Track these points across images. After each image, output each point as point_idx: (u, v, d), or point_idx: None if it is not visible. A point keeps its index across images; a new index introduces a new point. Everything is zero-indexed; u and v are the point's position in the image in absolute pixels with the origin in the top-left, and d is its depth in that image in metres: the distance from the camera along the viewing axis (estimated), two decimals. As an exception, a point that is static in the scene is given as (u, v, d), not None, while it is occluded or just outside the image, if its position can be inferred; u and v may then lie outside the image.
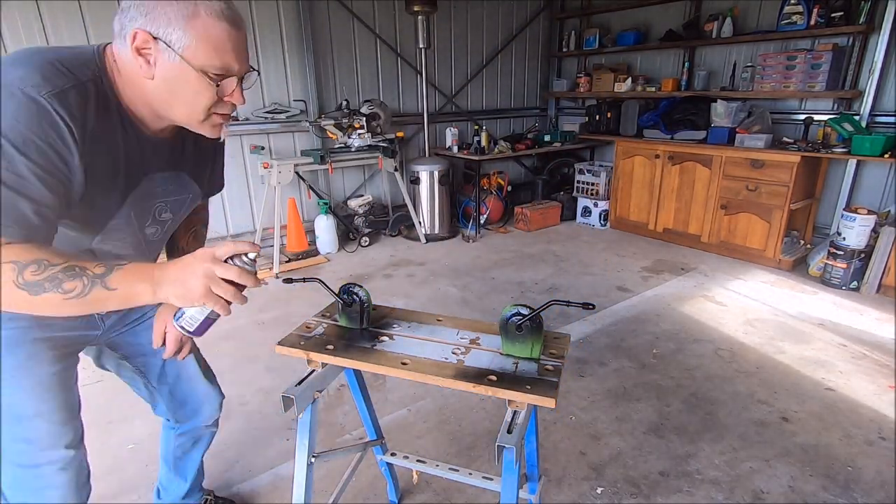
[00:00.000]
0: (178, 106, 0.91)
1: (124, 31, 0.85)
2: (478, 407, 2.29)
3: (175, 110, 0.92)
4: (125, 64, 0.88)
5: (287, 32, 4.24)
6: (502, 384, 1.02)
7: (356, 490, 1.82)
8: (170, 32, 0.83)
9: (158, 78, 0.87)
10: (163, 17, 0.82)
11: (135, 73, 0.88)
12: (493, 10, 5.50)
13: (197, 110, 0.91)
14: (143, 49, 0.84)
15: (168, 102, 0.91)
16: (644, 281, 3.78)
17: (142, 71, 0.86)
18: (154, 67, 0.86)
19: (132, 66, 0.87)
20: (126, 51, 0.85)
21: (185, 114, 0.93)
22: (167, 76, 0.86)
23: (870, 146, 3.44)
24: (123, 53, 0.87)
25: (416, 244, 4.75)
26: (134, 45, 0.84)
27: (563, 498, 1.80)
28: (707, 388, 2.44)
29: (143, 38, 0.83)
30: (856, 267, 3.46)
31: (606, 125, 5.13)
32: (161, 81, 0.87)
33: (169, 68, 0.86)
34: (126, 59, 0.87)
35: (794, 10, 3.84)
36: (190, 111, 0.92)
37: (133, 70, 0.87)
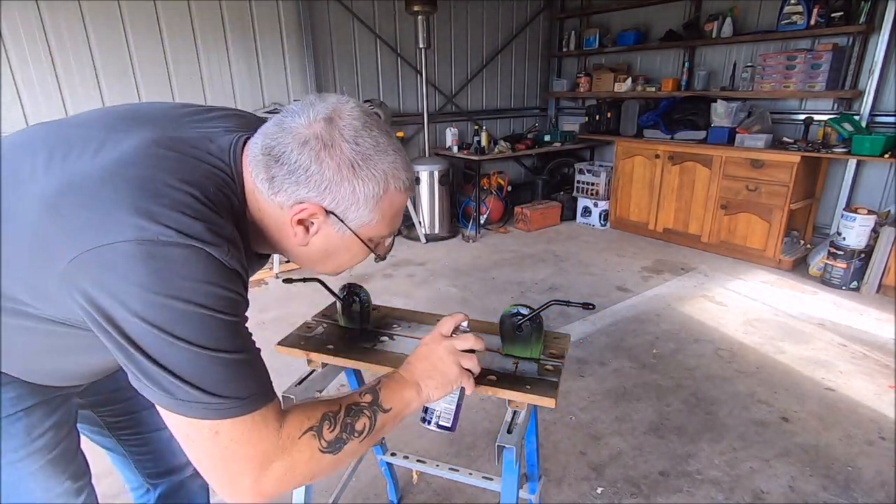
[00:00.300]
0: (324, 267, 0.81)
1: (286, 191, 0.68)
2: (478, 407, 2.29)
3: (316, 267, 0.81)
4: (271, 218, 0.72)
5: (287, 32, 4.24)
6: (502, 384, 1.02)
7: (356, 490, 1.82)
8: (350, 211, 0.70)
9: (314, 244, 0.74)
10: (350, 196, 0.68)
11: (281, 233, 0.73)
12: (493, 10, 5.50)
13: (343, 269, 0.83)
14: (306, 220, 0.71)
15: (312, 263, 0.80)
16: (644, 281, 3.78)
17: (295, 238, 0.72)
18: (311, 237, 0.73)
19: (281, 225, 0.72)
20: (277, 210, 0.70)
21: (325, 270, 0.82)
22: (327, 245, 0.75)
23: (870, 146, 3.44)
24: (274, 210, 0.71)
25: (416, 244, 4.75)
26: (297, 216, 0.69)
27: (563, 498, 1.80)
28: (707, 388, 2.44)
29: (311, 212, 0.69)
30: (856, 267, 3.46)
31: (606, 125, 5.13)
32: (316, 247, 0.75)
33: (333, 239, 0.74)
34: (275, 216, 0.72)
35: (794, 10, 3.84)
36: (334, 270, 0.82)
37: (280, 229, 0.73)
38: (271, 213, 0.71)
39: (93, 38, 3.48)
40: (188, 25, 3.81)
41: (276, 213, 0.70)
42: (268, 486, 0.64)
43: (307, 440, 0.67)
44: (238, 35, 4.03)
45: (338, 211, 0.69)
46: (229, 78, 4.07)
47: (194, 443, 0.62)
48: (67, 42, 3.40)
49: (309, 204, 0.68)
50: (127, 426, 1.10)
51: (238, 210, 0.70)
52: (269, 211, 0.71)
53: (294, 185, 0.67)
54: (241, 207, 0.71)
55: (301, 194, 0.67)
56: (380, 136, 0.70)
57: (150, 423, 1.12)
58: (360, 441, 0.71)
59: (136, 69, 3.68)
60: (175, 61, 3.81)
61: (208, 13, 3.86)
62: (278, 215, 0.71)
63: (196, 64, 3.91)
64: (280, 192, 0.68)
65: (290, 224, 0.70)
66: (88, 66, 3.50)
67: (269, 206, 0.70)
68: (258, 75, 4.20)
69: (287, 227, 0.71)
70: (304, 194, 0.67)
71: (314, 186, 0.67)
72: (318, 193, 0.67)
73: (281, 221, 0.71)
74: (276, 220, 0.72)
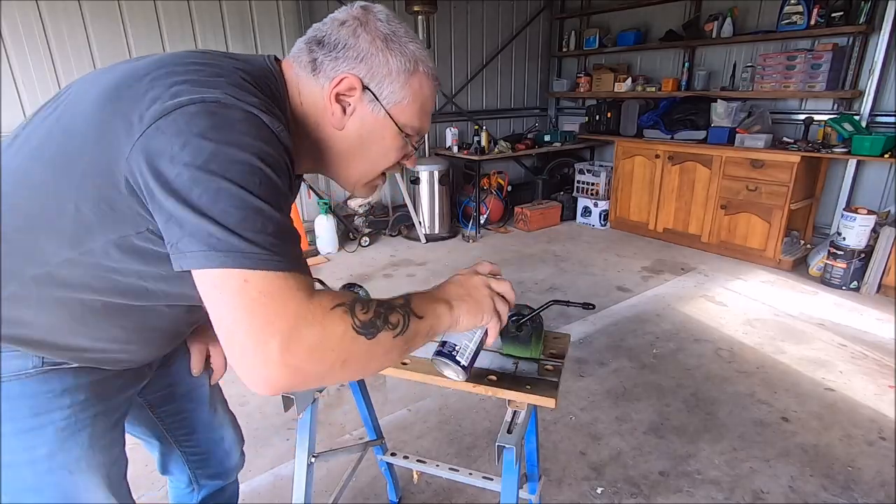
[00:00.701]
0: (358, 163, 0.82)
1: (326, 69, 0.73)
2: (478, 407, 2.29)
3: (350, 167, 0.82)
4: (311, 104, 0.76)
5: (287, 32, 4.24)
6: (502, 384, 1.02)
7: (356, 490, 1.82)
8: (384, 85, 0.74)
9: (350, 129, 0.77)
10: (383, 67, 0.73)
11: (320, 118, 0.77)
12: (493, 11, 5.50)
13: (377, 169, 0.83)
14: (343, 96, 0.74)
15: (347, 157, 0.80)
16: (644, 281, 3.78)
17: (332, 119, 0.75)
18: (347, 118, 0.76)
19: (320, 110, 0.76)
20: (318, 90, 0.75)
21: (359, 172, 0.83)
22: (362, 130, 0.77)
23: (870, 146, 3.44)
24: (314, 92, 0.75)
25: (416, 244, 4.75)
26: (336, 89, 0.73)
27: (563, 498, 1.80)
28: (707, 388, 2.44)
29: (349, 85, 0.73)
30: (856, 267, 3.46)
31: (606, 125, 5.13)
32: (351, 133, 0.77)
33: (368, 122, 0.76)
34: (314, 100, 0.76)
35: (794, 10, 3.84)
36: (368, 169, 0.83)
37: (319, 114, 0.76)
38: (311, 97, 0.76)
39: (93, 38, 3.48)
40: (188, 25, 3.81)
41: (317, 95, 0.75)
42: (298, 354, 0.57)
43: (339, 314, 0.62)
44: (238, 35, 4.03)
45: (372, 85, 0.74)
46: (229, 78, 4.07)
47: (222, 297, 0.58)
48: (67, 42, 3.40)
49: (350, 75, 0.73)
50: (182, 426, 1.13)
51: (283, 107, 0.74)
52: (310, 96, 0.76)
53: (333, 61, 0.73)
54: (285, 105, 0.75)
55: (340, 69, 0.73)
56: (408, 28, 0.78)
57: (204, 423, 1.16)
58: (394, 335, 0.66)
59: (136, 69, 3.67)
60: (175, 61, 3.81)
61: (208, 13, 3.86)
62: (318, 98, 0.75)
63: (196, 64, 3.90)
64: (321, 73, 0.74)
65: (329, 101, 0.74)
66: (88, 66, 3.50)
67: (310, 89, 0.75)
68: (258, 75, 4.19)
69: (326, 113, 0.75)
70: (343, 68, 0.73)
71: (351, 59, 0.73)
72: (355, 65, 0.73)
73: (321, 107, 0.75)
74: (315, 105, 0.76)
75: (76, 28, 3.41)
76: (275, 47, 4.21)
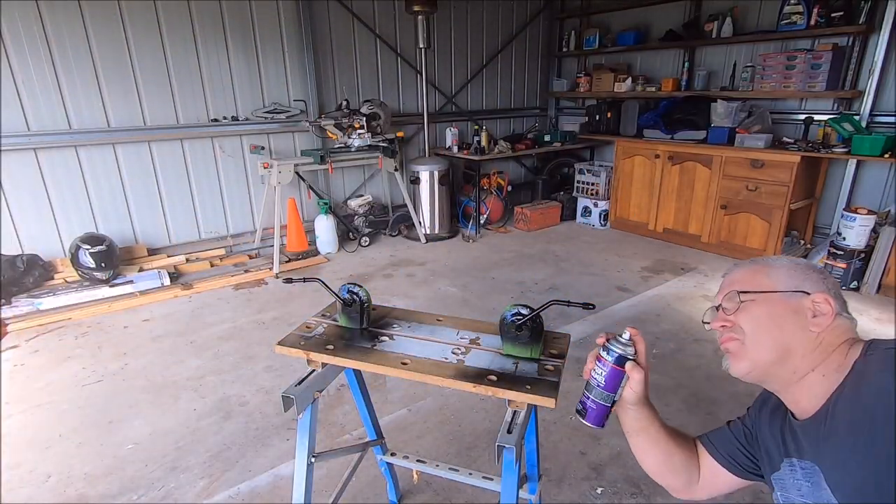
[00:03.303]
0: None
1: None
2: (478, 407, 2.29)
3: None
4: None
5: (287, 32, 4.24)
6: (502, 384, 1.02)
7: (356, 490, 1.82)
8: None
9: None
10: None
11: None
12: (493, 11, 5.50)
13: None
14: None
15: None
16: (644, 281, 3.78)
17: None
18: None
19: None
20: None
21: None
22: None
23: (870, 146, 3.44)
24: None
25: (416, 244, 4.75)
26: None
27: (563, 498, 1.80)
28: (707, 388, 2.44)
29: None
30: (856, 267, 3.46)
31: (606, 125, 5.13)
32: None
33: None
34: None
35: (794, 10, 3.84)
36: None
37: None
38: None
39: (93, 38, 3.47)
40: (188, 25, 3.81)
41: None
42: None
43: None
44: (238, 35, 4.03)
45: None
46: (229, 78, 4.07)
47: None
48: (67, 42, 3.40)
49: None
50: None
51: None
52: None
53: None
54: None
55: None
56: None
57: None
58: None
59: (136, 69, 3.68)
60: (175, 61, 3.81)
61: (208, 13, 3.86)
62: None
63: (196, 64, 3.91)
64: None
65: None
66: (88, 66, 3.50)
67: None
68: (258, 75, 4.20)
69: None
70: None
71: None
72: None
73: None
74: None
75: (76, 28, 3.41)
76: (275, 47, 4.22)
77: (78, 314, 3.26)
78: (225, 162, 4.22)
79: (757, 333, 0.83)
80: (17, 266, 3.31)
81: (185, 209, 4.13)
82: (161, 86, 3.80)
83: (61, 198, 3.60)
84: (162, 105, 3.84)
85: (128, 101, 3.70)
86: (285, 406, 1.10)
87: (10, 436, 2.15)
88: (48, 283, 3.48)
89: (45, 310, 3.25)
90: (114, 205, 3.82)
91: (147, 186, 3.93)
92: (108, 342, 2.96)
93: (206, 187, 4.18)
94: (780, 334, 0.81)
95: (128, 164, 3.81)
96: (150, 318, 3.26)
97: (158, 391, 2.46)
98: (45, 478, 1.92)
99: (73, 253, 3.39)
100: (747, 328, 0.84)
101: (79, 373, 2.63)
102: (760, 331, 0.82)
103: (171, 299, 3.52)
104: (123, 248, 3.77)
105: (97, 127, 3.61)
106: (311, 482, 1.26)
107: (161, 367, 2.67)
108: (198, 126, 4.01)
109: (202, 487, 1.86)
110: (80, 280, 3.49)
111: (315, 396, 1.20)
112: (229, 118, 4.13)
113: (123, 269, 3.65)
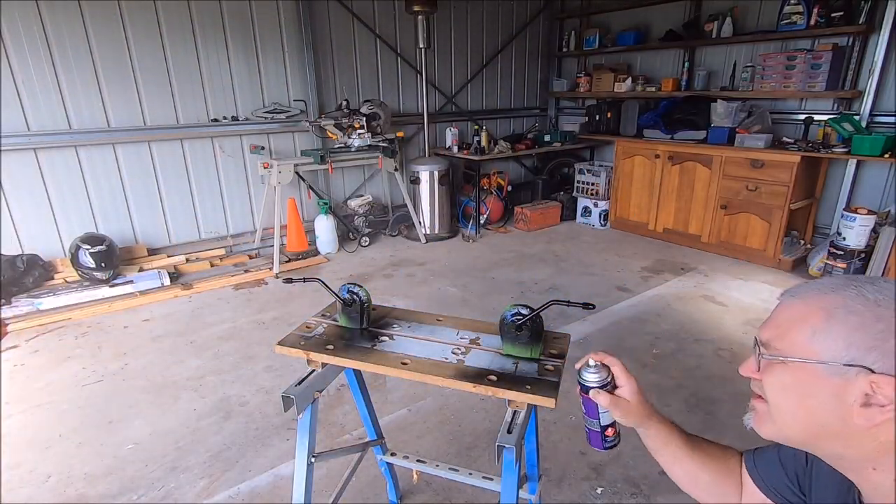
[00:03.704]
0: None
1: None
2: (478, 407, 2.29)
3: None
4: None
5: (287, 32, 4.24)
6: (502, 384, 1.02)
7: (356, 490, 1.82)
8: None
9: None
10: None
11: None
12: (493, 11, 5.50)
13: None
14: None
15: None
16: (644, 281, 3.78)
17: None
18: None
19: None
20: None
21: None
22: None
23: (870, 146, 3.44)
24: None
25: (416, 244, 4.75)
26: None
27: (563, 498, 1.80)
28: (707, 388, 2.44)
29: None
30: (856, 267, 3.46)
31: (606, 125, 5.13)
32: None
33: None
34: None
35: (794, 10, 3.84)
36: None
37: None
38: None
39: (93, 38, 3.47)
40: (188, 25, 3.81)
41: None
42: None
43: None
44: (238, 35, 4.03)
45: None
46: (229, 78, 4.07)
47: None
48: (67, 42, 3.40)
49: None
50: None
51: None
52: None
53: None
54: None
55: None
56: None
57: None
58: None
59: (136, 69, 3.68)
60: (175, 61, 3.81)
61: (208, 13, 3.86)
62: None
63: (196, 64, 3.91)
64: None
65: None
66: (88, 66, 3.50)
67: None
68: (258, 75, 4.20)
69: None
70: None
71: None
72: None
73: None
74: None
75: (76, 28, 3.41)
76: (275, 47, 4.22)
77: (78, 314, 3.26)
78: (225, 162, 4.22)
79: (780, 405, 0.64)
80: (17, 266, 3.31)
81: (185, 209, 4.13)
82: (161, 86, 3.80)
83: (61, 198, 3.60)
84: (162, 105, 3.84)
85: (128, 101, 3.70)
86: (285, 406, 1.10)
87: (10, 436, 2.15)
88: (48, 283, 3.48)
89: (45, 310, 3.25)
90: (114, 205, 3.82)
91: (147, 186, 3.93)
92: (108, 342, 2.96)
93: (206, 187, 4.19)
94: (808, 417, 0.61)
95: (128, 164, 3.81)
96: (150, 318, 3.26)
97: (158, 391, 2.46)
98: (45, 478, 1.92)
99: (73, 253, 3.39)
100: (769, 395, 0.65)
101: (79, 373, 2.63)
102: (785, 405, 0.63)
103: (171, 299, 3.52)
104: (123, 248, 3.78)
105: (97, 127, 3.61)
106: (311, 482, 1.26)
107: (161, 367, 2.67)
108: (198, 126, 4.01)
109: (202, 487, 1.86)
110: (80, 280, 3.49)
111: (315, 396, 1.20)
112: (229, 118, 4.13)
113: (123, 269, 3.66)
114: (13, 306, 3.20)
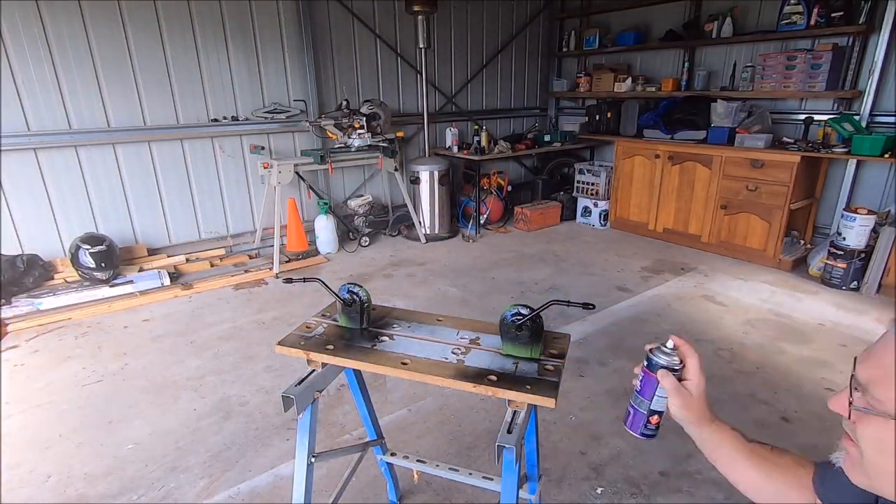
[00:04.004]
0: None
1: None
2: (478, 407, 2.29)
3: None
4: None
5: (287, 32, 4.24)
6: (502, 384, 1.02)
7: (356, 490, 1.82)
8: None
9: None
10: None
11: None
12: (493, 10, 5.50)
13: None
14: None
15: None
16: (644, 281, 3.78)
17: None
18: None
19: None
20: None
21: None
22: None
23: (870, 146, 3.44)
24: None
25: (416, 244, 4.75)
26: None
27: (563, 498, 1.80)
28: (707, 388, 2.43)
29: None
30: (856, 267, 3.46)
31: (606, 125, 5.13)
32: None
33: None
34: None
35: (794, 10, 3.84)
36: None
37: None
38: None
39: (93, 38, 3.47)
40: (188, 25, 3.81)
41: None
42: None
43: None
44: (238, 35, 4.03)
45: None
46: (229, 78, 4.07)
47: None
48: (67, 42, 3.39)
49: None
50: None
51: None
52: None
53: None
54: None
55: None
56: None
57: None
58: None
59: (136, 69, 3.68)
60: (175, 61, 3.81)
61: (208, 13, 3.86)
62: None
63: (196, 64, 3.91)
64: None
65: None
66: (88, 66, 3.50)
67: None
68: (258, 75, 4.20)
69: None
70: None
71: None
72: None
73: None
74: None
75: (76, 28, 3.41)
76: (275, 47, 4.22)
77: (78, 314, 3.26)
78: (225, 162, 4.22)
79: (877, 464, 0.56)
80: (17, 266, 3.31)
81: (184, 209, 4.13)
82: (161, 86, 3.80)
83: (61, 198, 3.60)
84: (162, 105, 3.84)
85: (128, 101, 3.70)
86: (285, 406, 1.10)
87: (10, 436, 2.15)
88: (48, 283, 3.48)
89: (45, 310, 3.25)
90: (114, 205, 3.82)
91: (147, 186, 3.93)
92: (108, 342, 2.96)
93: (206, 187, 4.19)
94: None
95: (128, 164, 3.81)
96: (150, 318, 3.26)
97: (158, 391, 2.46)
98: (45, 478, 1.92)
99: (73, 253, 3.39)
100: (864, 448, 0.57)
101: (79, 373, 2.63)
102: (883, 465, 0.55)
103: (171, 299, 3.52)
104: (123, 248, 3.77)
105: (97, 127, 3.61)
106: (311, 482, 1.26)
107: (161, 367, 2.67)
108: (198, 126, 4.01)
109: (202, 487, 1.86)
110: (80, 280, 3.49)
111: (315, 396, 1.20)
112: (229, 118, 4.13)
113: (123, 269, 3.66)
114: (13, 306, 3.20)
